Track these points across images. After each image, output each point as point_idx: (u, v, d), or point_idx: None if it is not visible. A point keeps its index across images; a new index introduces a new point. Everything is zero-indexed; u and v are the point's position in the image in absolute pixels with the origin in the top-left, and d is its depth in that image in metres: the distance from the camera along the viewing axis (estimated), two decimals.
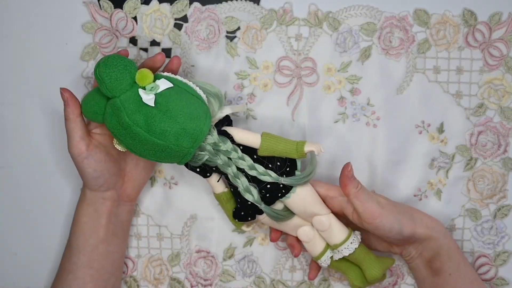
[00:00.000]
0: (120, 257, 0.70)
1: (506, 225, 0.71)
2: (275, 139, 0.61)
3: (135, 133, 0.57)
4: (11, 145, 0.73)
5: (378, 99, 0.70)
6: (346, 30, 0.69)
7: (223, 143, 0.60)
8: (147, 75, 0.58)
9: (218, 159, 0.60)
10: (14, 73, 0.72)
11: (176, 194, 0.72)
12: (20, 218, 0.74)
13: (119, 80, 0.57)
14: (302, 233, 0.64)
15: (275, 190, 0.61)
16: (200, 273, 0.73)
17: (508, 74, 0.69)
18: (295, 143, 0.61)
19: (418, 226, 0.64)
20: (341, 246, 0.63)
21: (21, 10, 0.71)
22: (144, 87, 0.57)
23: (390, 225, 0.62)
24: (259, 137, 0.61)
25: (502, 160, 0.70)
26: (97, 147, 0.63)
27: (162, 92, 0.57)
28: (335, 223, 0.63)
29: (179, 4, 0.70)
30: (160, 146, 0.57)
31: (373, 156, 0.71)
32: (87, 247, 0.66)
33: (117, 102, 0.57)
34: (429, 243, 0.64)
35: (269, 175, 0.60)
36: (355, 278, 0.65)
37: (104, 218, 0.66)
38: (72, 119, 0.61)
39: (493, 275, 0.72)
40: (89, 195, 0.65)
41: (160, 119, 0.56)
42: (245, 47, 0.70)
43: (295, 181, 0.61)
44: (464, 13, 0.69)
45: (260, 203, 0.61)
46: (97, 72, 0.57)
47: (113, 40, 0.70)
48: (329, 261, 0.65)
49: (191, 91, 0.59)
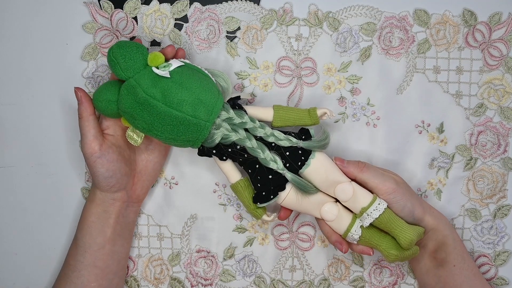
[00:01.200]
0: (125, 257, 0.70)
1: (506, 225, 0.71)
2: (287, 109, 0.64)
3: (153, 106, 0.58)
4: (11, 145, 0.73)
5: (378, 99, 0.70)
6: (346, 30, 0.70)
7: (240, 116, 0.60)
8: (159, 55, 0.59)
9: (235, 134, 0.60)
10: (14, 73, 0.72)
11: (177, 194, 0.72)
12: (20, 218, 0.74)
13: (133, 60, 0.59)
14: (327, 211, 0.63)
15: (295, 158, 0.61)
16: (200, 273, 0.73)
17: (508, 74, 0.69)
18: (307, 110, 0.64)
19: (427, 213, 0.64)
20: (369, 208, 0.61)
21: (21, 10, 0.71)
22: (157, 67, 0.59)
23: (403, 202, 0.62)
24: (271, 110, 0.64)
25: (502, 160, 0.70)
26: (110, 147, 0.63)
27: (175, 69, 0.59)
28: (358, 188, 0.63)
29: (179, 4, 0.70)
30: (177, 118, 0.58)
31: (373, 155, 0.71)
32: (94, 246, 0.66)
33: (132, 81, 0.59)
34: (434, 234, 0.64)
35: (288, 140, 0.61)
36: (390, 246, 0.62)
37: (113, 218, 0.66)
38: (86, 117, 0.62)
39: (493, 275, 0.72)
40: (99, 196, 0.65)
41: (177, 89, 0.58)
42: (245, 47, 0.70)
43: (313, 143, 0.61)
44: (464, 13, 0.69)
45: (284, 170, 0.61)
46: (110, 54, 0.59)
47: (114, 40, 0.70)
48: (360, 232, 0.63)
49: (201, 72, 0.61)
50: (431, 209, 0.66)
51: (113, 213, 0.66)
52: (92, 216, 0.66)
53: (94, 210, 0.66)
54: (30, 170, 0.73)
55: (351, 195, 0.62)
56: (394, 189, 0.62)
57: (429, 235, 0.65)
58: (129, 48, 0.59)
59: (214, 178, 0.72)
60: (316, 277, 0.73)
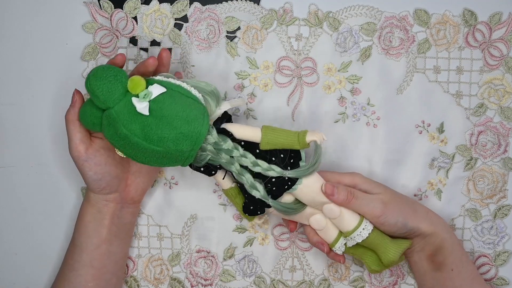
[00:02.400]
0: (122, 258, 0.70)
1: (506, 225, 0.71)
2: (275, 132, 0.60)
3: (134, 142, 0.56)
4: (11, 145, 0.73)
5: (378, 99, 0.70)
6: (346, 30, 0.69)
7: (224, 142, 0.59)
8: (139, 82, 0.56)
9: (221, 158, 0.59)
10: (14, 73, 0.72)
11: (176, 194, 0.72)
12: (20, 218, 0.74)
13: (111, 92, 0.56)
14: (314, 221, 0.64)
15: (281, 183, 0.60)
16: (200, 273, 0.73)
17: (508, 74, 0.69)
18: (297, 134, 0.60)
19: (422, 220, 0.64)
20: (353, 233, 0.62)
21: (21, 10, 0.71)
22: (137, 95, 0.57)
23: (394, 219, 0.62)
24: (260, 131, 0.60)
25: (502, 160, 0.70)
26: (97, 151, 0.63)
27: (155, 98, 0.56)
28: (345, 211, 0.63)
29: (179, 4, 0.70)
30: (160, 152, 0.57)
31: (373, 156, 0.71)
32: (90, 246, 0.66)
33: (112, 113, 0.56)
34: (431, 238, 0.64)
35: (273, 170, 0.59)
36: (371, 262, 0.64)
37: (107, 219, 0.66)
38: (72, 121, 0.61)
39: (493, 275, 0.72)
40: (92, 196, 0.65)
41: (157, 126, 0.56)
42: (245, 47, 0.70)
43: (300, 173, 0.60)
44: (464, 13, 0.69)
45: (267, 198, 0.60)
46: (88, 86, 0.56)
47: (113, 40, 0.70)
48: (344, 248, 0.64)
49: (185, 93, 0.58)
50: (428, 213, 0.66)
51: (107, 214, 0.66)
52: (87, 216, 0.66)
53: (89, 210, 0.66)
54: (30, 170, 0.73)
55: (338, 215, 0.62)
56: (382, 212, 0.62)
57: (426, 239, 0.64)
58: (106, 79, 0.56)
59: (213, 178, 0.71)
60: (316, 277, 0.73)
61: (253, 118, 0.71)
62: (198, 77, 0.70)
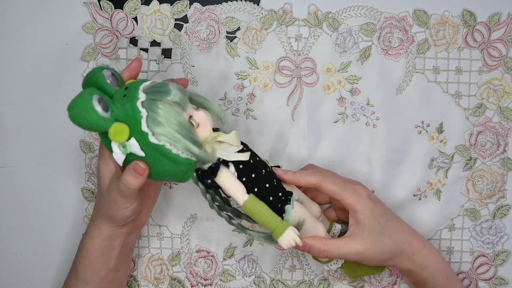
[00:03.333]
0: (126, 278, 0.69)
1: (505, 225, 0.71)
2: (260, 210, 0.56)
3: None
4: (11, 145, 0.73)
5: (377, 99, 0.70)
6: (346, 31, 0.70)
7: (205, 195, 0.58)
8: (120, 130, 0.52)
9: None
10: (14, 73, 0.72)
11: (176, 194, 0.72)
12: (20, 218, 0.74)
13: (92, 125, 0.52)
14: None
15: None
16: (200, 273, 0.74)
17: (507, 74, 0.70)
18: (279, 222, 0.56)
19: (404, 261, 0.63)
20: (329, 262, 0.65)
21: (21, 10, 0.71)
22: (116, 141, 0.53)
23: (374, 263, 0.63)
24: (245, 199, 0.56)
25: (501, 160, 0.71)
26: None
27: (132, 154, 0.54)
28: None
29: (179, 4, 0.70)
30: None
31: (372, 156, 0.71)
32: (96, 278, 0.63)
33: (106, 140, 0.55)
34: (412, 274, 0.64)
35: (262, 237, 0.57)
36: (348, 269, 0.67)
37: (117, 250, 0.63)
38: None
39: (492, 275, 0.72)
40: (106, 231, 0.61)
41: None
42: (245, 47, 0.70)
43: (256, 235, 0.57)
44: (464, 14, 0.69)
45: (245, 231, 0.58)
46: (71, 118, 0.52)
47: (114, 40, 0.70)
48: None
49: (167, 155, 0.53)
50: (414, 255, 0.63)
51: (118, 245, 0.63)
52: (96, 252, 0.62)
53: (99, 245, 0.62)
54: (30, 170, 0.73)
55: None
56: (359, 260, 0.61)
57: (407, 274, 0.65)
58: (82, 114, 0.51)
59: None
60: (315, 276, 0.73)
61: (253, 118, 0.71)
62: (198, 77, 0.70)
